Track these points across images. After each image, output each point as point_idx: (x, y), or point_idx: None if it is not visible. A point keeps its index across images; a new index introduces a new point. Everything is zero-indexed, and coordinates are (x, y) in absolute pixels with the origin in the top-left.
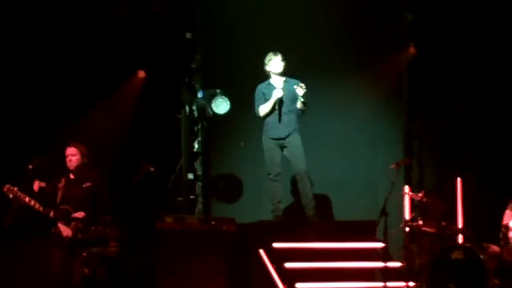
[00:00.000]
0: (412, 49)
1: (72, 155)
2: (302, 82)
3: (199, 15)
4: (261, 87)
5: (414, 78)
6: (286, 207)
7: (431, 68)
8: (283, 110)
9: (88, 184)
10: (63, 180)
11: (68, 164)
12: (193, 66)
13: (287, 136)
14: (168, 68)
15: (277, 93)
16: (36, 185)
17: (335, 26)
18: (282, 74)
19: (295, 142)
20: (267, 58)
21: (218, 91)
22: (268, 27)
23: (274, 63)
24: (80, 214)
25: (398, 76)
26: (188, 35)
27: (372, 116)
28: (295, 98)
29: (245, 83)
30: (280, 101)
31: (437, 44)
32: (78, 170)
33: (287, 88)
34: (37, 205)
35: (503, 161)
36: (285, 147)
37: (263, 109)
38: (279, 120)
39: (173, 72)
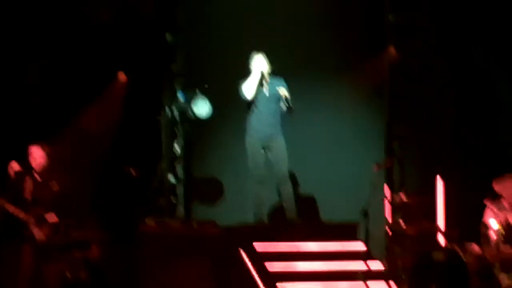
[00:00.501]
0: (393, 51)
1: (38, 155)
2: (285, 82)
3: (180, 17)
4: (242, 82)
5: (396, 79)
6: (268, 208)
7: (412, 70)
8: (267, 110)
9: (56, 186)
10: (28, 180)
11: (33, 164)
12: (174, 68)
13: (271, 137)
14: (149, 71)
15: (260, 65)
16: (13, 169)
17: (318, 27)
18: (269, 74)
19: (278, 145)
20: (251, 57)
21: (199, 93)
22: (250, 28)
23: (257, 63)
24: (53, 218)
25: (380, 77)
26: (169, 37)
27: (354, 117)
28: (279, 98)
29: (227, 85)
30: (263, 101)
31: (419, 46)
32: (44, 171)
33: (270, 88)
34: (21, 215)
35: (484, 162)
36: (268, 149)
37: (247, 85)
38: (263, 120)
39: (154, 74)
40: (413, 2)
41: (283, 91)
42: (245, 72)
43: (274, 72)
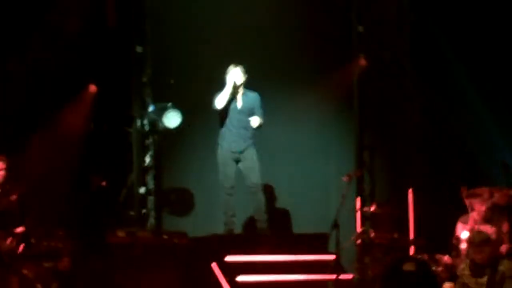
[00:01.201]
0: (362, 61)
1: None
2: (260, 96)
3: (150, 29)
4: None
5: (365, 89)
6: (238, 220)
7: (381, 80)
8: (239, 123)
9: (14, 196)
10: None
11: None
12: (144, 79)
13: (243, 149)
14: (119, 82)
15: (235, 76)
16: None
17: (286, 38)
18: (241, 86)
19: (250, 156)
20: (228, 69)
21: (169, 104)
22: (220, 40)
23: (233, 74)
24: (19, 229)
25: (349, 87)
26: (138, 48)
27: (324, 127)
28: (252, 112)
29: (197, 96)
30: (236, 114)
31: (387, 56)
32: (3, 183)
33: (245, 102)
34: None
35: (455, 172)
36: (240, 160)
37: (220, 97)
38: (234, 133)
39: (124, 85)
40: (382, 13)
41: (255, 122)
42: (218, 84)
43: (248, 85)
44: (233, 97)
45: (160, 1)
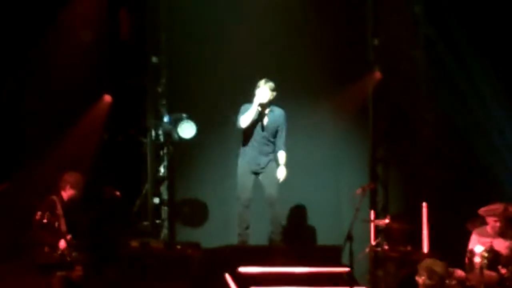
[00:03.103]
0: (377, 74)
1: None
2: (285, 113)
3: (165, 39)
4: (247, 107)
5: (379, 102)
6: (252, 231)
7: (396, 93)
8: (264, 140)
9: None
10: None
11: None
12: (159, 90)
13: (265, 166)
14: (134, 92)
15: (261, 95)
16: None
17: (301, 50)
18: (268, 103)
19: (270, 169)
20: (258, 83)
21: (184, 115)
22: (236, 51)
23: (261, 92)
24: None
25: (363, 100)
26: (153, 59)
27: (338, 140)
28: (277, 130)
29: (212, 107)
30: (262, 130)
31: (402, 69)
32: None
33: (271, 119)
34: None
35: (468, 186)
36: (260, 173)
37: (242, 120)
38: (257, 148)
39: (139, 96)
40: (397, 26)
41: (281, 174)
42: (232, 95)
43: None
44: (259, 117)
45: (175, 11)
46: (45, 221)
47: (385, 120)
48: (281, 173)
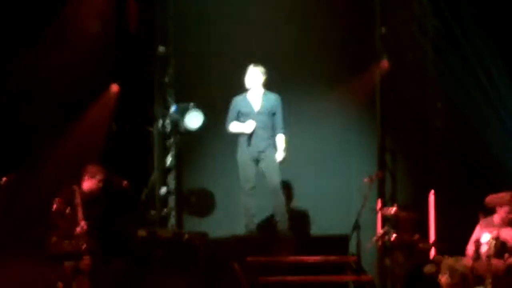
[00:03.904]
0: (385, 63)
1: None
2: (280, 98)
3: (172, 29)
4: (237, 100)
5: (387, 91)
6: (259, 221)
7: (404, 82)
8: (260, 124)
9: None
10: None
11: None
12: (166, 80)
13: (263, 150)
14: (141, 82)
15: (250, 127)
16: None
17: (309, 39)
18: (262, 87)
19: (270, 156)
20: (247, 69)
21: (191, 104)
22: (243, 40)
23: (253, 76)
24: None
25: (371, 89)
26: (161, 48)
27: (346, 130)
28: (272, 113)
29: (219, 97)
30: (255, 115)
31: (411, 58)
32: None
33: (265, 103)
34: None
35: (476, 175)
36: (260, 161)
37: (232, 129)
38: (256, 135)
39: (146, 86)
40: (405, 14)
41: (280, 156)
42: (240, 84)
43: (270, 87)
44: (247, 102)
45: (182, 1)
46: (65, 210)
47: (393, 109)
48: (279, 156)
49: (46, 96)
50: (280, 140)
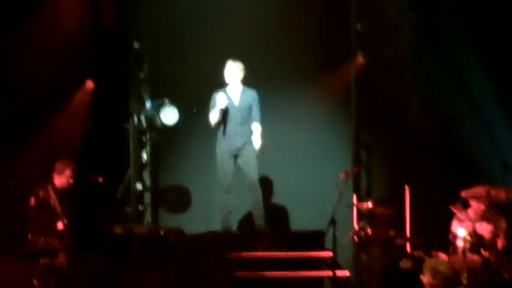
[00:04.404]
0: (360, 59)
1: None
2: (258, 94)
3: (147, 24)
4: (215, 95)
5: (363, 87)
6: (236, 217)
7: (379, 78)
8: (239, 120)
9: None
10: None
11: None
12: (141, 75)
13: (241, 146)
14: (116, 78)
15: (221, 102)
16: None
17: (284, 35)
18: (240, 83)
19: (249, 152)
20: (226, 64)
21: (166, 100)
22: (218, 36)
23: (231, 71)
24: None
25: (347, 86)
26: (136, 44)
27: (321, 125)
28: (250, 109)
29: (194, 93)
30: (234, 111)
31: (386, 54)
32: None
33: (243, 99)
34: None
35: (451, 170)
36: (239, 157)
37: (212, 117)
38: (232, 129)
39: (121, 82)
40: (380, 11)
41: (257, 144)
42: (217, 80)
43: (245, 82)
44: (227, 97)
45: None
46: (42, 208)
47: (368, 105)
48: (257, 143)
49: (21, 93)
50: (256, 127)
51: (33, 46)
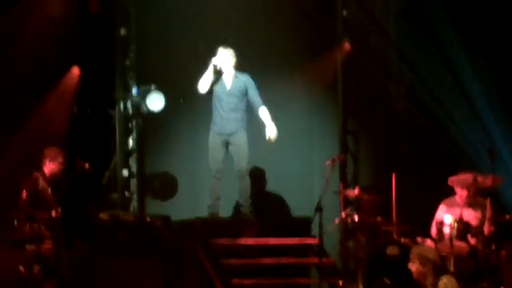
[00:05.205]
0: (346, 46)
1: None
2: (252, 78)
3: (133, 11)
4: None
5: (349, 74)
6: (223, 203)
7: (366, 65)
8: (228, 106)
9: None
10: None
11: None
12: (127, 62)
13: (232, 132)
14: (102, 64)
15: (216, 59)
16: None
17: (271, 22)
18: (233, 69)
19: (240, 140)
20: (217, 51)
21: (152, 87)
22: (204, 23)
23: (223, 57)
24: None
25: (333, 72)
26: (122, 31)
27: (308, 112)
28: (243, 95)
29: (181, 79)
30: (227, 96)
31: (372, 41)
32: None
33: (235, 84)
34: None
35: (437, 157)
36: (230, 144)
37: (202, 81)
38: (224, 116)
39: (107, 68)
40: None
41: (272, 133)
42: (204, 66)
43: (237, 68)
44: (217, 80)
45: None
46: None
47: (355, 92)
48: (271, 131)
49: (6, 79)
50: (264, 113)
51: (18, 33)
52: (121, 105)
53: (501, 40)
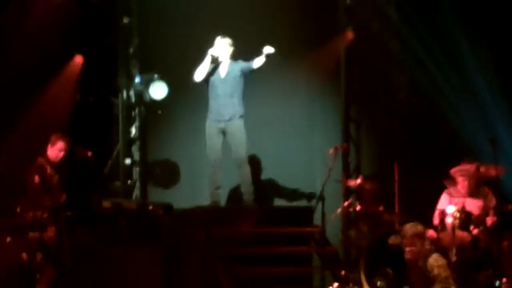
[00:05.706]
0: (349, 34)
1: None
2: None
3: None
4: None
5: (352, 63)
6: (225, 192)
7: (368, 53)
8: (224, 93)
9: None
10: None
11: None
12: (130, 50)
13: (230, 119)
14: (105, 53)
15: (220, 47)
16: None
17: (274, 10)
18: (230, 58)
19: (237, 128)
20: (215, 40)
21: (155, 75)
22: (207, 11)
23: (220, 47)
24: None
25: (336, 61)
26: (125, 19)
27: (311, 101)
28: (238, 81)
29: (183, 67)
30: (222, 84)
31: (374, 29)
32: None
33: (230, 72)
34: None
35: (440, 146)
36: (226, 132)
37: (199, 70)
38: (220, 103)
39: (110, 56)
40: None
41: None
42: (205, 55)
43: (234, 57)
44: (213, 70)
45: None
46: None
47: (357, 80)
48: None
49: (9, 68)
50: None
51: (21, 22)
52: (124, 94)
53: (504, 29)
